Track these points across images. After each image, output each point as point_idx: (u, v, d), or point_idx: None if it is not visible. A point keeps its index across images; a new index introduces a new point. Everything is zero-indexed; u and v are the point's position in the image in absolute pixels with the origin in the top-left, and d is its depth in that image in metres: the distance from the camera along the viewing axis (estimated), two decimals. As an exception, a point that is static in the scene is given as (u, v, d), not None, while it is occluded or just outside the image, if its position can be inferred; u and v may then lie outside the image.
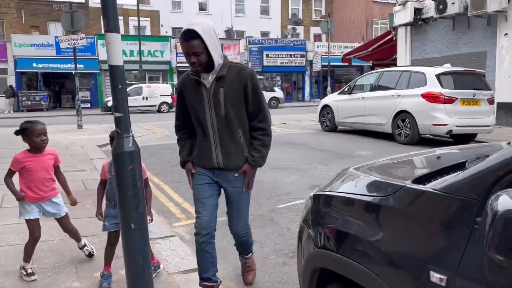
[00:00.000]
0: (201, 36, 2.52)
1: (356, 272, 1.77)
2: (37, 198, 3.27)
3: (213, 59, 2.60)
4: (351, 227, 1.86)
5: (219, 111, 2.71)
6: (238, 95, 2.72)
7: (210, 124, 2.76)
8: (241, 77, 2.71)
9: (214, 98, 2.70)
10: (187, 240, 4.35)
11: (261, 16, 37.66)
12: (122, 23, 33.05)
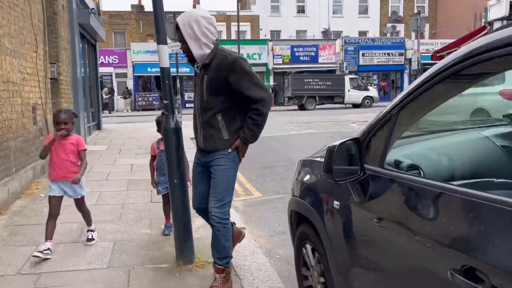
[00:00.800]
0: (180, 27, 2.82)
1: (306, 209, 2.51)
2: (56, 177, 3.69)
3: (191, 50, 2.84)
4: (309, 179, 2.59)
5: (203, 97, 2.89)
6: (219, 82, 2.82)
7: (197, 108, 2.97)
8: (223, 65, 2.80)
9: (201, 85, 2.90)
10: (240, 210, 5.30)
11: (359, 16, 37.32)
12: (225, 29, 35.42)
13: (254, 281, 3.20)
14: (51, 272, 3.33)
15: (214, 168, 2.94)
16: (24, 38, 6.13)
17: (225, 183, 2.94)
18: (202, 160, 3.03)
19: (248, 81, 2.81)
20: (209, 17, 2.91)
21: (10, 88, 5.42)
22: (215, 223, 2.93)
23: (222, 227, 2.95)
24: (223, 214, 2.93)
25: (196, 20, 2.81)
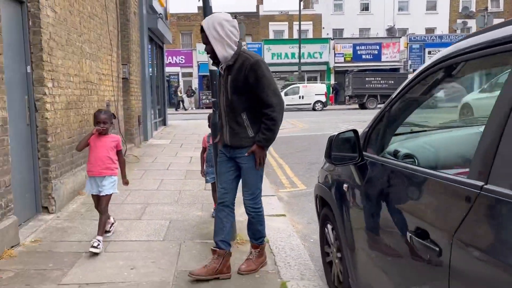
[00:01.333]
0: (205, 30, 3.01)
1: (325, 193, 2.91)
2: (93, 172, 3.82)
3: (215, 51, 3.02)
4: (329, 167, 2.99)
5: (227, 96, 3.07)
6: (241, 83, 2.99)
7: (222, 107, 3.16)
8: (245, 66, 2.98)
9: (225, 84, 3.08)
10: (284, 200, 5.74)
11: (426, 12, 36.04)
12: (287, 28, 35.84)
13: (286, 258, 3.64)
14: (118, 240, 4.01)
15: (242, 165, 3.16)
16: (101, 43, 7.01)
17: (254, 178, 3.20)
18: (228, 155, 3.23)
19: (263, 85, 2.97)
20: (232, 20, 3.08)
21: (88, 87, 6.27)
22: (250, 212, 3.27)
23: (256, 215, 3.29)
24: (255, 205, 3.25)
25: (220, 23, 2.98)
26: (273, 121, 3.01)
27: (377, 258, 2.12)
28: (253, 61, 2.98)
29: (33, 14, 4.48)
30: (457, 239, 1.36)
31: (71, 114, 5.46)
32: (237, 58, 3.03)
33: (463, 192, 1.41)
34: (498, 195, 1.25)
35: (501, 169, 1.28)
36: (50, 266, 3.41)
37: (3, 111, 3.65)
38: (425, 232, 1.55)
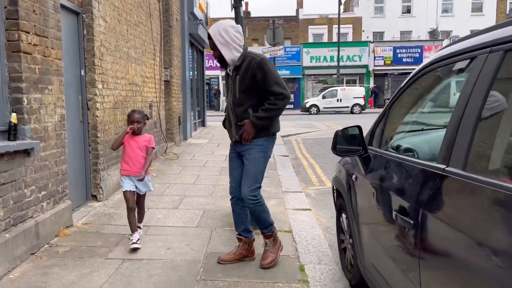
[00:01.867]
0: (211, 36, 3.26)
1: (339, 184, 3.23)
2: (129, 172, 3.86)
3: (223, 55, 3.27)
4: (343, 161, 3.31)
5: (235, 95, 3.30)
6: (249, 80, 3.22)
7: (229, 105, 3.39)
8: (251, 65, 3.20)
9: (233, 84, 3.31)
10: (311, 197, 6.05)
11: (472, 14, 35.00)
12: (326, 31, 35.90)
13: (307, 246, 3.97)
14: (157, 226, 4.48)
15: (246, 157, 3.32)
16: (145, 48, 7.60)
17: (255, 170, 3.30)
18: (236, 150, 3.44)
19: (270, 79, 3.18)
20: (236, 26, 3.32)
21: (133, 89, 6.86)
22: (249, 204, 3.32)
23: (257, 206, 3.33)
24: (254, 197, 3.30)
25: (224, 29, 3.23)
26: (273, 105, 3.19)
27: (376, 239, 2.42)
28: (259, 59, 3.22)
29: (87, 23, 5.06)
30: (425, 210, 1.67)
31: (118, 113, 6.03)
32: (243, 59, 3.25)
33: (432, 172, 1.71)
34: (455, 175, 1.56)
35: (457, 156, 1.58)
36: (99, 244, 3.92)
37: (62, 109, 4.21)
38: (404, 209, 1.87)
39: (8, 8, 3.40)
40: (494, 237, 1.29)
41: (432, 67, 2.00)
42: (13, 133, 3.42)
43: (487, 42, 1.56)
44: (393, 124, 2.54)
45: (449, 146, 1.64)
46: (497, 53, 1.47)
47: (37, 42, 3.69)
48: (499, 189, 1.30)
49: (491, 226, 1.32)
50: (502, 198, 1.29)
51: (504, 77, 1.44)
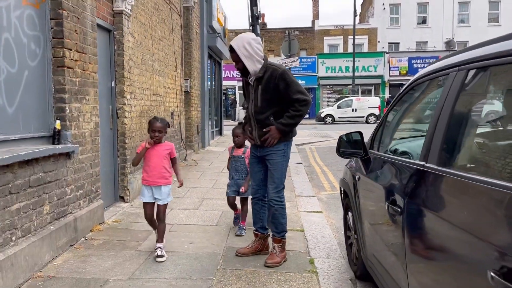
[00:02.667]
0: (235, 50, 3.49)
1: (345, 184, 3.60)
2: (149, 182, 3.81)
3: (246, 66, 3.51)
4: (349, 164, 3.67)
5: (257, 103, 3.55)
6: (271, 91, 3.48)
7: (251, 112, 3.62)
8: (273, 77, 3.47)
9: (255, 93, 3.55)
10: (323, 201, 6.40)
11: (488, 24, 34.94)
12: (342, 42, 36.24)
13: (317, 243, 4.33)
14: (180, 224, 4.90)
15: (269, 162, 3.63)
16: (168, 61, 8.11)
17: (279, 173, 3.62)
18: (257, 154, 3.71)
19: (293, 88, 3.46)
20: (257, 38, 3.56)
21: (157, 99, 7.34)
22: (274, 205, 3.63)
23: (280, 207, 3.66)
24: (279, 198, 3.64)
25: (248, 42, 3.47)
26: (297, 111, 3.47)
27: (375, 230, 2.78)
28: (281, 71, 3.48)
29: (118, 40, 5.56)
30: (409, 199, 2.04)
31: (143, 121, 6.50)
32: (265, 70, 3.50)
33: (415, 168, 2.08)
34: (431, 170, 1.93)
35: (433, 154, 1.95)
36: (128, 239, 4.35)
37: (96, 117, 4.68)
38: (394, 199, 2.23)
39: (55, 28, 3.89)
40: (461, 218, 1.65)
41: (419, 81, 2.38)
42: (57, 138, 3.90)
43: (456, 62, 1.93)
44: (390, 130, 2.91)
45: (427, 147, 2.01)
46: (462, 71, 1.84)
47: (77, 57, 4.18)
48: (463, 179, 1.66)
49: (459, 209, 1.68)
50: (466, 186, 1.65)
51: (467, 91, 1.82)
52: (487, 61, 1.65)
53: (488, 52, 1.65)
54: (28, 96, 3.58)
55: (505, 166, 1.51)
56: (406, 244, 2.06)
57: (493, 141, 1.75)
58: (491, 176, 1.52)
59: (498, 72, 1.65)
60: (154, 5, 7.13)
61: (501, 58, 1.54)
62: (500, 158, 1.60)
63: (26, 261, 3.28)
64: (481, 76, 1.76)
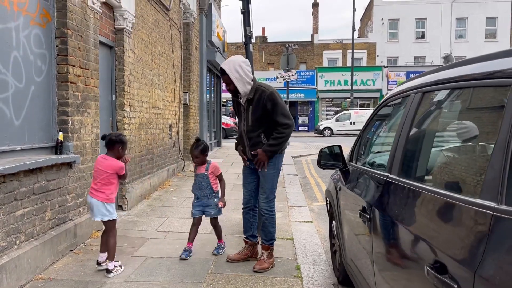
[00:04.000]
0: (227, 73, 3.71)
1: (329, 194, 3.83)
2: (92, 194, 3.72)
3: (237, 88, 3.73)
4: (333, 175, 3.91)
5: (248, 122, 3.80)
6: (260, 111, 3.73)
7: (244, 130, 3.88)
8: (262, 98, 3.71)
9: (246, 113, 3.80)
10: (315, 211, 6.62)
11: (486, 40, 35.45)
12: (341, 56, 36.71)
13: (305, 251, 4.54)
14: (175, 232, 5.12)
15: (261, 173, 3.88)
16: (167, 75, 8.40)
17: (270, 185, 3.87)
18: (252, 166, 3.99)
19: (278, 110, 3.70)
20: (247, 61, 3.79)
21: (156, 112, 7.61)
22: (264, 214, 3.89)
23: (270, 217, 3.92)
24: (270, 208, 3.90)
25: (239, 65, 3.69)
26: (281, 134, 3.72)
27: (352, 235, 3.01)
28: (268, 93, 3.73)
29: (119, 55, 5.85)
30: (375, 207, 2.28)
31: (142, 133, 6.76)
32: (255, 92, 3.75)
33: (381, 179, 2.33)
34: (392, 180, 2.17)
35: (394, 165, 2.19)
36: (125, 245, 4.57)
37: (97, 129, 4.94)
38: (364, 207, 2.47)
39: (60, 46, 4.17)
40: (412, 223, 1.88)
41: (389, 101, 2.64)
42: (60, 148, 4.15)
43: (415, 85, 2.19)
44: (366, 144, 3.16)
45: (391, 159, 2.25)
46: (419, 94, 2.10)
47: (80, 73, 4.45)
48: (418, 190, 1.89)
49: (415, 215, 1.91)
50: (421, 195, 1.88)
51: (422, 110, 2.07)
52: (434, 86, 1.90)
53: (435, 79, 1.90)
54: (34, 109, 3.85)
55: (445, 177, 1.75)
56: (373, 247, 2.29)
57: (439, 155, 1.99)
58: (435, 185, 1.76)
59: (442, 95, 1.91)
60: (154, 22, 7.45)
61: (442, 85, 1.79)
62: (443, 169, 1.85)
63: (29, 263, 3.50)
64: (431, 98, 2.01)
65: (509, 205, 1.19)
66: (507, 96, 1.32)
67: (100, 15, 5.14)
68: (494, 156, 1.29)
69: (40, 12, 3.94)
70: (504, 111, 1.31)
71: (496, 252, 1.16)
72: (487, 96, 1.57)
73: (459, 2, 35.17)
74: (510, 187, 1.21)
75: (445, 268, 1.37)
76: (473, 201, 1.33)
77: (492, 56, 1.55)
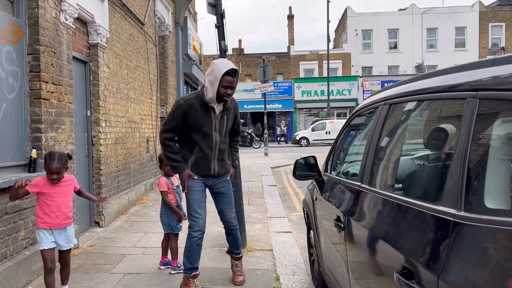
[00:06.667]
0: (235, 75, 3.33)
1: (306, 205, 3.88)
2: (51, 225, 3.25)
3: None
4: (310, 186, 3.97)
5: (222, 133, 3.47)
6: (232, 121, 3.62)
7: (214, 141, 3.44)
8: (234, 107, 3.61)
9: (220, 123, 3.45)
10: (294, 221, 6.67)
11: (455, 49, 36.59)
12: (317, 66, 37.25)
13: (284, 261, 4.57)
14: (153, 247, 5.07)
15: (222, 190, 3.66)
16: (143, 89, 8.37)
17: (232, 198, 3.80)
18: (209, 183, 3.59)
19: (239, 120, 3.77)
20: None
21: (132, 126, 7.56)
22: (234, 229, 3.82)
23: (236, 230, 3.88)
24: (235, 220, 3.85)
25: None
26: (237, 144, 3.79)
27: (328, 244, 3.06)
28: (235, 101, 3.65)
29: (93, 71, 5.82)
30: (348, 216, 2.33)
31: (118, 148, 6.70)
32: (231, 100, 3.58)
33: (354, 189, 2.39)
34: (364, 189, 2.23)
35: (366, 176, 2.26)
36: (102, 262, 4.50)
37: (72, 145, 4.88)
38: (339, 216, 2.53)
39: (32, 63, 4.14)
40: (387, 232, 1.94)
41: (359, 112, 2.72)
42: (33, 166, 4.08)
43: (382, 97, 2.27)
44: (339, 154, 3.23)
45: (362, 169, 2.32)
46: (386, 105, 2.18)
47: (54, 89, 4.41)
48: (387, 198, 1.96)
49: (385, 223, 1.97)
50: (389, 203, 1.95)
51: (389, 121, 2.15)
52: (400, 98, 1.98)
53: (400, 91, 1.99)
54: (6, 127, 3.79)
55: (410, 185, 1.83)
56: (348, 255, 2.34)
57: (405, 164, 2.07)
58: (402, 193, 1.83)
59: (407, 106, 1.99)
60: (129, 36, 7.44)
61: (406, 97, 1.88)
62: (408, 178, 1.92)
63: (2, 285, 3.42)
64: (397, 110, 2.09)
65: (468, 212, 1.25)
66: (463, 108, 1.40)
67: (73, 31, 5.11)
68: (453, 165, 1.36)
69: (11, 29, 3.90)
70: (461, 122, 1.38)
71: (457, 256, 1.22)
72: (448, 108, 1.65)
73: (429, 13, 36.28)
74: (468, 194, 1.28)
75: (411, 274, 1.43)
76: (436, 208, 1.40)
77: (451, 70, 1.63)
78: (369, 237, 1.97)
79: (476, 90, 1.36)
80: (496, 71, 1.31)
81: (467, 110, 1.37)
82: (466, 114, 1.37)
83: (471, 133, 1.32)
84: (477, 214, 1.21)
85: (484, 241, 1.15)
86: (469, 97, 1.38)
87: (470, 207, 1.25)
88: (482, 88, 1.34)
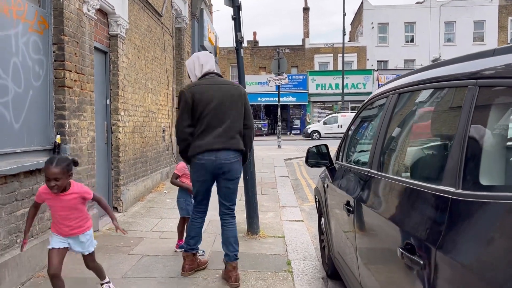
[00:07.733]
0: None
1: (318, 192, 4.01)
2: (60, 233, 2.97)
3: None
4: (321, 174, 4.09)
5: None
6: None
7: None
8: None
9: None
10: (305, 211, 6.80)
11: (473, 43, 36.02)
12: (332, 60, 37.08)
13: (296, 248, 4.71)
14: (170, 231, 5.26)
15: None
16: (160, 80, 8.55)
17: None
18: None
19: None
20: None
21: (149, 116, 7.75)
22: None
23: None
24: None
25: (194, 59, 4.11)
26: None
27: (338, 229, 3.19)
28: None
29: (113, 61, 6.00)
30: (357, 200, 2.46)
31: (136, 136, 6.90)
32: None
33: (363, 175, 2.51)
34: (372, 174, 2.35)
35: (374, 161, 2.37)
36: (121, 244, 4.70)
37: (93, 132, 5.08)
38: (348, 201, 2.65)
39: (56, 52, 4.32)
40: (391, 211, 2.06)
41: (371, 101, 2.82)
42: (57, 151, 4.28)
43: (392, 87, 2.38)
44: (351, 143, 3.34)
45: (371, 156, 2.44)
46: (395, 95, 2.29)
47: (77, 78, 4.59)
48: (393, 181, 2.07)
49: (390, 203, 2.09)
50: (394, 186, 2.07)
51: (397, 110, 2.26)
52: (408, 88, 2.09)
53: (409, 81, 2.09)
54: (32, 113, 3.98)
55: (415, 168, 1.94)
56: (356, 239, 2.47)
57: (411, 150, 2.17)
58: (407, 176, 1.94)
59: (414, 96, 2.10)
60: (147, 28, 7.60)
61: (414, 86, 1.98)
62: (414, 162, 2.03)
63: (29, 261, 3.63)
64: (406, 99, 2.20)
65: (465, 189, 1.37)
66: (464, 95, 1.51)
67: (95, 22, 5.29)
68: (453, 148, 1.48)
69: (37, 19, 4.09)
70: (461, 109, 1.49)
71: (453, 229, 1.34)
72: (451, 96, 1.76)
73: (447, 6, 35.74)
74: (466, 174, 1.39)
75: (413, 248, 1.55)
76: (437, 188, 1.52)
77: (456, 60, 1.74)
78: (376, 218, 2.09)
79: (476, 79, 1.47)
80: (495, 61, 1.42)
81: (468, 97, 1.48)
82: (466, 101, 1.48)
83: (470, 119, 1.43)
84: (472, 191, 1.33)
85: (477, 214, 1.27)
86: (470, 85, 1.49)
87: (467, 185, 1.37)
88: (482, 76, 1.45)
